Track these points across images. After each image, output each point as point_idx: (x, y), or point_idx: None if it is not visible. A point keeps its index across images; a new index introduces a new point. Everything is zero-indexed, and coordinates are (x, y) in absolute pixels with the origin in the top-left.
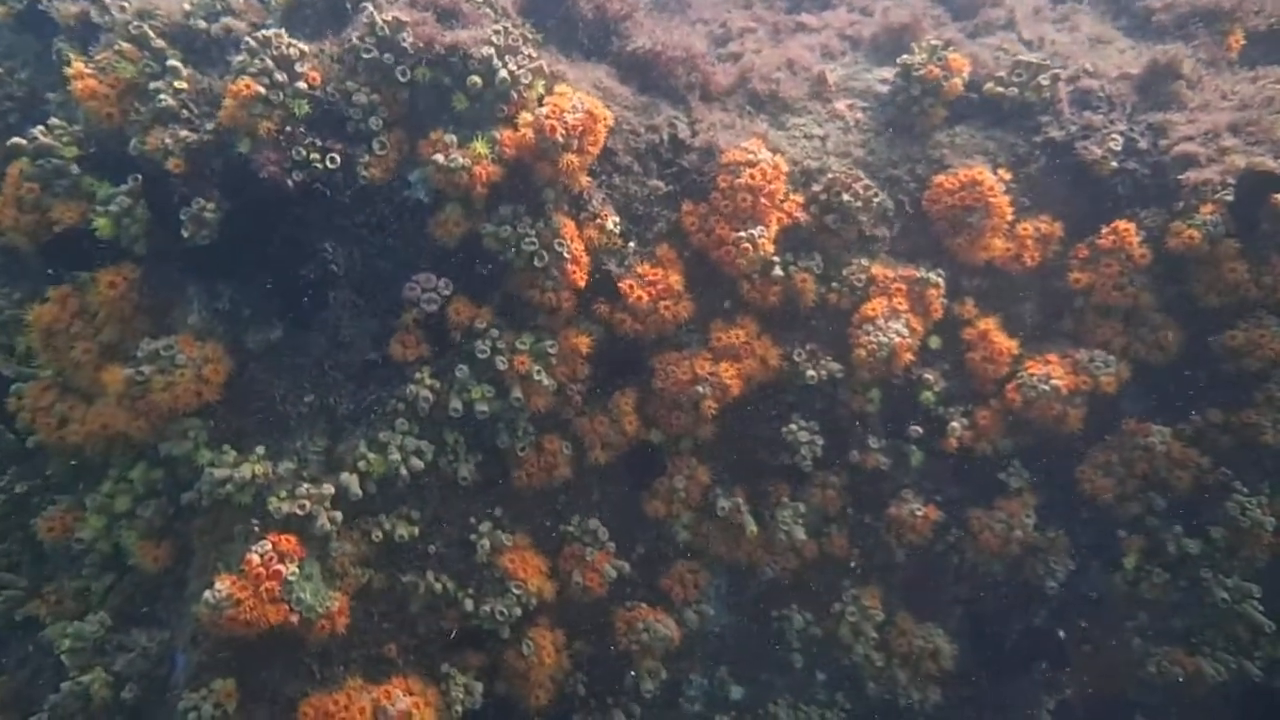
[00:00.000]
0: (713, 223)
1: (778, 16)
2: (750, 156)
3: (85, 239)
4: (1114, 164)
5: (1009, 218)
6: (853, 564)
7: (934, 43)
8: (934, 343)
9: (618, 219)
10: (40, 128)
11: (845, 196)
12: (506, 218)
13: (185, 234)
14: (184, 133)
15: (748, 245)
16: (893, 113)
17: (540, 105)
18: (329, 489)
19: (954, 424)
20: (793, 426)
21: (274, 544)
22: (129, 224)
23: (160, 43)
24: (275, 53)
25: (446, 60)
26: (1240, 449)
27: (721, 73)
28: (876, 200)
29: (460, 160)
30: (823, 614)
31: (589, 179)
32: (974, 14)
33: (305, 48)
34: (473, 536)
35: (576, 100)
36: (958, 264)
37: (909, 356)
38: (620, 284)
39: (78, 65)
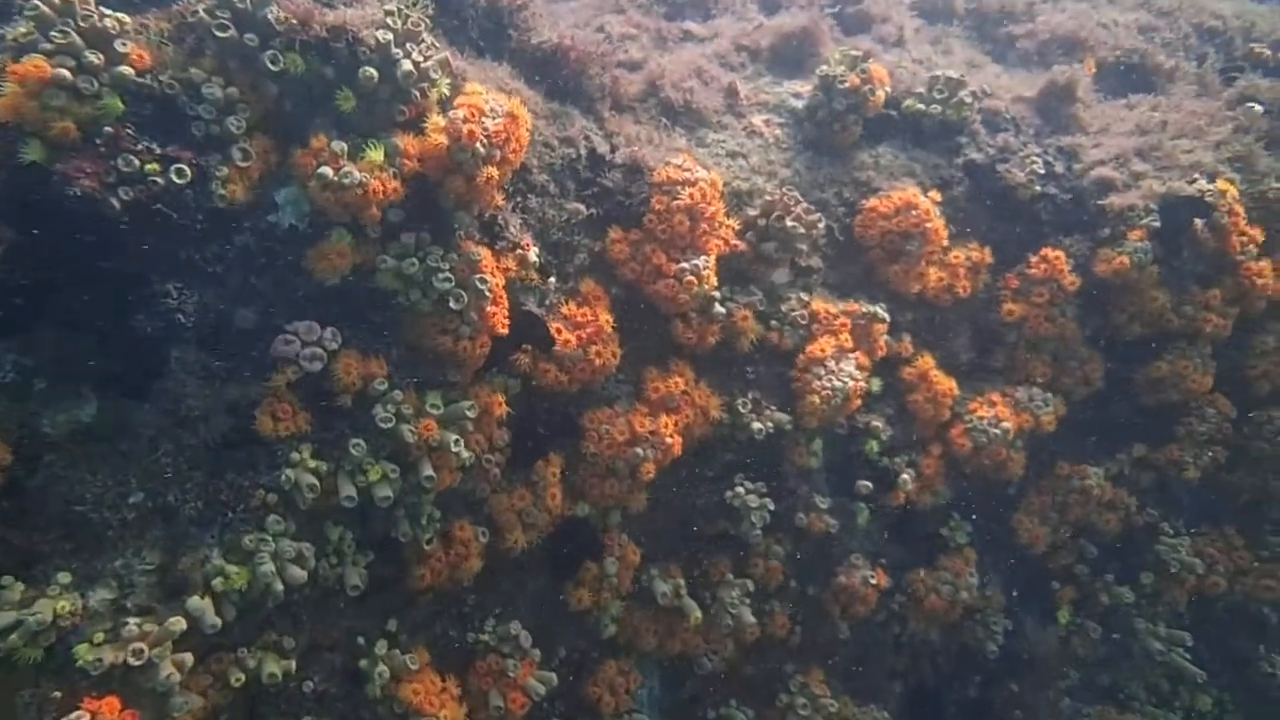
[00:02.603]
0: (647, 252)
1: (659, 23)
2: (687, 175)
3: None
4: (1037, 188)
5: (945, 244)
6: (792, 643)
7: (852, 53)
8: (874, 385)
9: (538, 249)
10: None
11: (788, 221)
12: (408, 248)
13: None
14: None
15: (692, 278)
16: (811, 130)
17: (446, 108)
18: (178, 621)
19: (904, 475)
20: (739, 490)
21: (91, 713)
22: None
23: None
24: (83, 24)
25: (328, 46)
26: (1163, 486)
27: (627, 79)
28: (821, 226)
29: (354, 174)
30: (767, 706)
31: (503, 199)
32: (867, 28)
33: (125, 19)
34: (364, 663)
35: (494, 101)
36: (890, 295)
37: (858, 402)
38: (550, 327)
39: None
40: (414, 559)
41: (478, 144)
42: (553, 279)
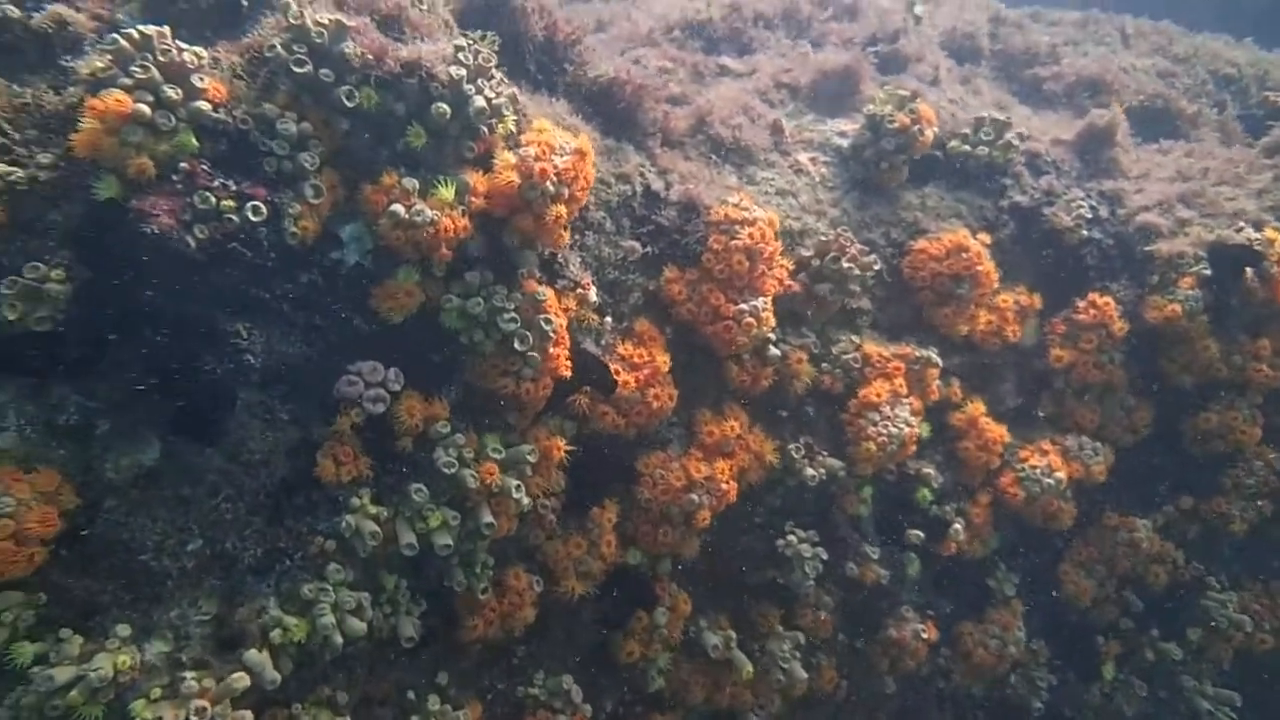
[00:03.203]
0: (704, 292)
1: (695, 57)
2: (745, 214)
3: None
4: (1084, 233)
5: (995, 288)
6: (839, 698)
7: (900, 92)
8: (923, 430)
9: (596, 288)
10: None
11: (844, 263)
12: (473, 287)
13: (7, 316)
14: (2, 167)
15: (751, 320)
16: (857, 168)
17: (515, 144)
18: (241, 678)
19: (956, 525)
20: (791, 538)
21: None
22: None
23: None
24: (162, 58)
25: (401, 81)
26: (1209, 539)
27: (676, 114)
28: (876, 268)
29: (426, 212)
30: None
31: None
32: (903, 67)
33: (203, 53)
34: (415, 719)
35: (562, 138)
36: (938, 338)
37: (913, 448)
38: (611, 369)
39: None
40: (466, 608)
41: (548, 181)
42: (608, 318)
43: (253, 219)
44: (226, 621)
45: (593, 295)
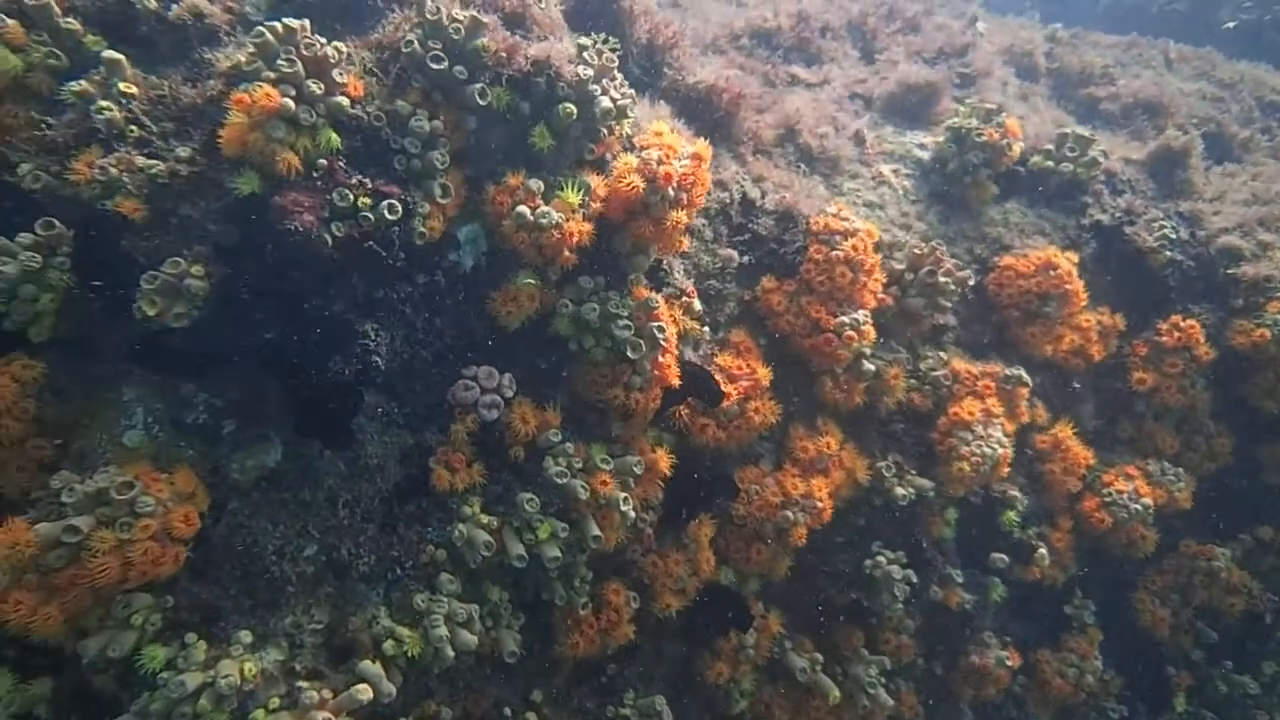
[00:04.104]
0: (804, 303)
1: (764, 66)
2: (846, 224)
3: None
4: (1167, 254)
5: (1083, 307)
6: None
7: (986, 105)
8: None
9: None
10: None
11: (939, 277)
12: (586, 292)
13: (146, 311)
14: (142, 160)
15: (852, 334)
16: (939, 182)
17: (629, 147)
18: (364, 690)
19: (1041, 550)
20: (880, 559)
21: None
22: (32, 295)
23: (73, 23)
24: (305, 52)
25: (529, 80)
26: None
27: (763, 122)
28: (971, 283)
29: (552, 215)
30: None
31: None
32: (971, 83)
33: (343, 48)
34: None
35: (683, 142)
36: (1021, 358)
37: (1006, 470)
38: (717, 381)
39: None
40: (565, 624)
41: (670, 186)
42: (706, 328)
43: (389, 217)
44: (338, 631)
45: (697, 304)
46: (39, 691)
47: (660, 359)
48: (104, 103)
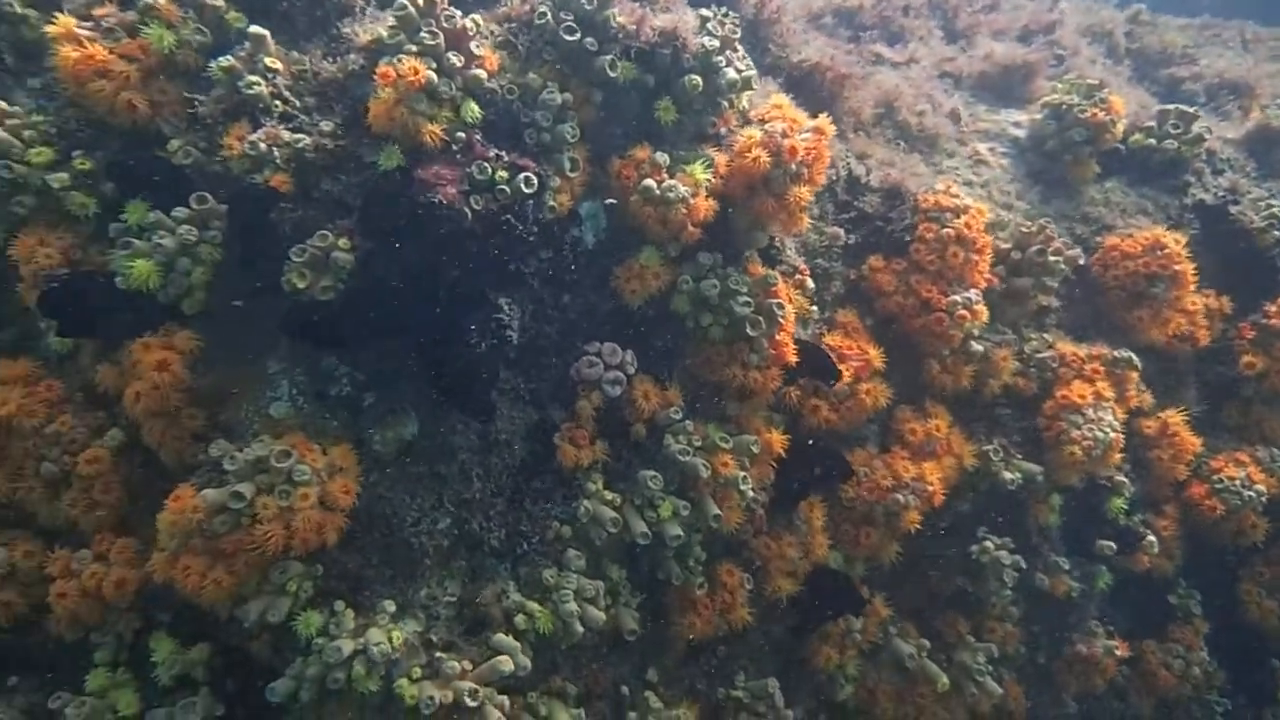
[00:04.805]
0: (913, 282)
1: (847, 45)
2: (956, 201)
3: (77, 287)
4: (1275, 233)
5: (1192, 289)
6: (1018, 715)
7: (1088, 81)
8: None
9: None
10: None
11: (1049, 256)
12: (704, 269)
13: (295, 284)
14: (288, 135)
15: (965, 313)
16: (1036, 160)
17: (746, 121)
18: (505, 661)
19: (1150, 538)
20: (988, 545)
21: None
22: (188, 268)
23: (218, 0)
24: (445, 24)
25: (654, 52)
26: None
27: (862, 99)
28: (1081, 261)
29: (679, 189)
30: None
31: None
32: (1060, 62)
33: (479, 20)
34: (633, 715)
35: (804, 115)
36: (1125, 341)
37: (1118, 456)
38: (834, 360)
39: (66, 23)
40: (680, 604)
41: (795, 161)
42: (814, 307)
43: (525, 190)
44: (469, 603)
45: (810, 282)
46: (197, 656)
47: (778, 337)
48: (252, 77)
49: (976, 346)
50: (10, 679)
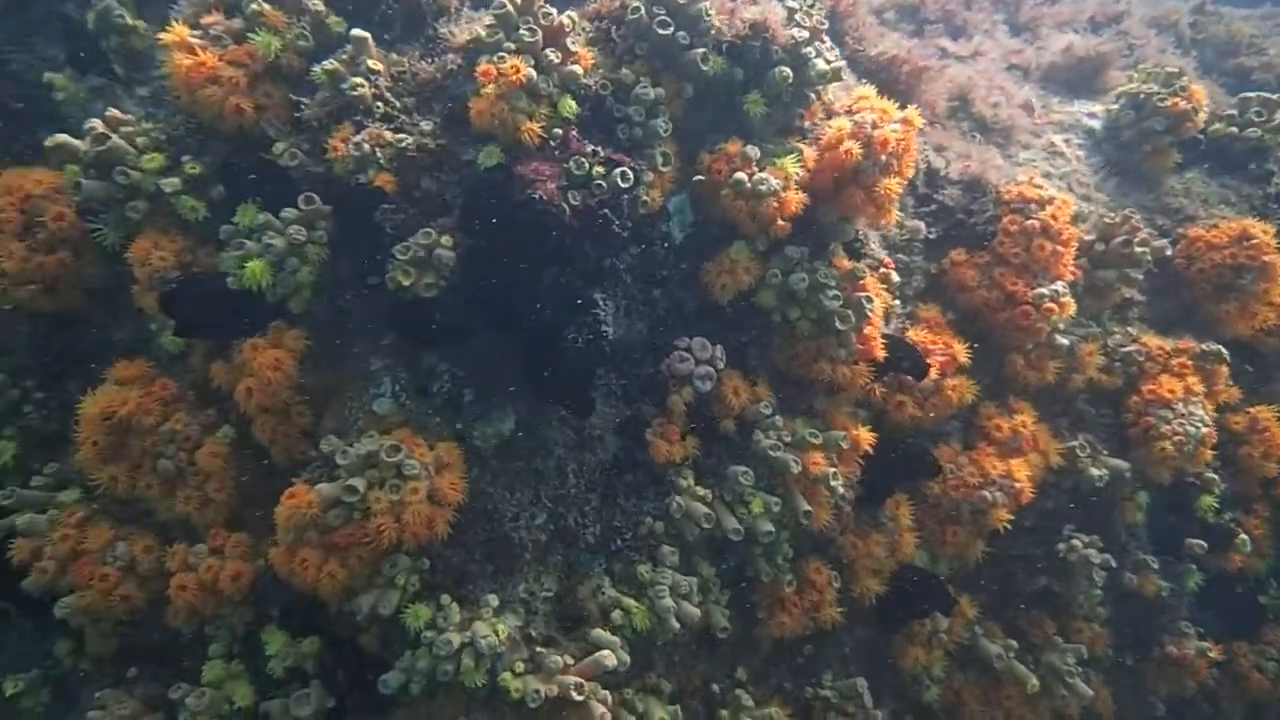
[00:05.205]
0: (997, 276)
1: (911, 40)
2: (1041, 193)
3: (191, 288)
4: None
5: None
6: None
7: (1167, 69)
8: None
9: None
10: (99, 121)
11: (1135, 247)
12: (792, 262)
13: (400, 281)
14: (390, 134)
15: (1052, 305)
16: (1112, 151)
17: (831, 114)
18: (607, 656)
19: (1242, 536)
20: (1075, 543)
21: None
22: (296, 268)
23: (318, 4)
24: (542, 21)
25: (745, 46)
26: None
27: (936, 91)
28: (1168, 253)
29: (771, 182)
30: None
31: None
32: (1130, 53)
33: (574, 16)
34: (724, 713)
35: (892, 106)
36: (1212, 335)
37: (1209, 453)
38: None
39: (179, 32)
40: (768, 602)
41: (885, 153)
42: (897, 301)
43: (621, 185)
44: (564, 599)
45: (895, 276)
46: (308, 649)
47: (866, 331)
48: (356, 79)
49: (1062, 340)
50: (130, 670)
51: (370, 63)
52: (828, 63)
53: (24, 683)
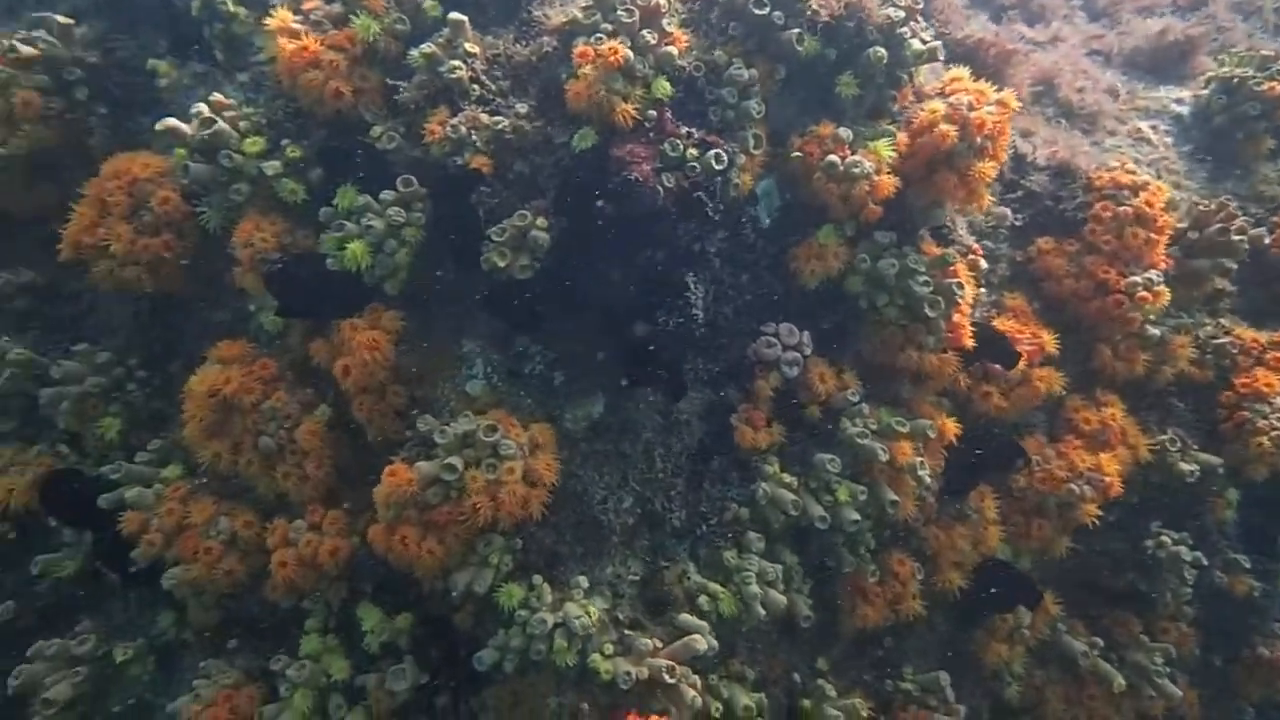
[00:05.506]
0: (1087, 264)
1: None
2: (1134, 178)
3: (292, 269)
4: None
5: None
6: None
7: (1263, 52)
8: None
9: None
10: (204, 105)
11: (1232, 235)
12: (881, 248)
13: (496, 263)
14: (486, 117)
15: (1146, 294)
16: (1202, 138)
17: (921, 97)
18: (697, 640)
19: None
20: (1165, 539)
21: None
22: (394, 250)
23: None
24: (639, 3)
25: (839, 26)
26: None
27: (1020, 76)
28: (1266, 240)
29: (864, 165)
30: None
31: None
32: (1216, 38)
33: None
34: (806, 703)
35: (987, 87)
36: None
37: None
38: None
39: (283, 17)
40: (850, 593)
41: (982, 135)
42: (983, 289)
43: (716, 167)
44: (650, 583)
45: (983, 263)
46: (402, 625)
47: (955, 319)
48: (453, 62)
49: (1153, 331)
50: (230, 641)
51: (467, 46)
52: (923, 43)
53: (132, 651)
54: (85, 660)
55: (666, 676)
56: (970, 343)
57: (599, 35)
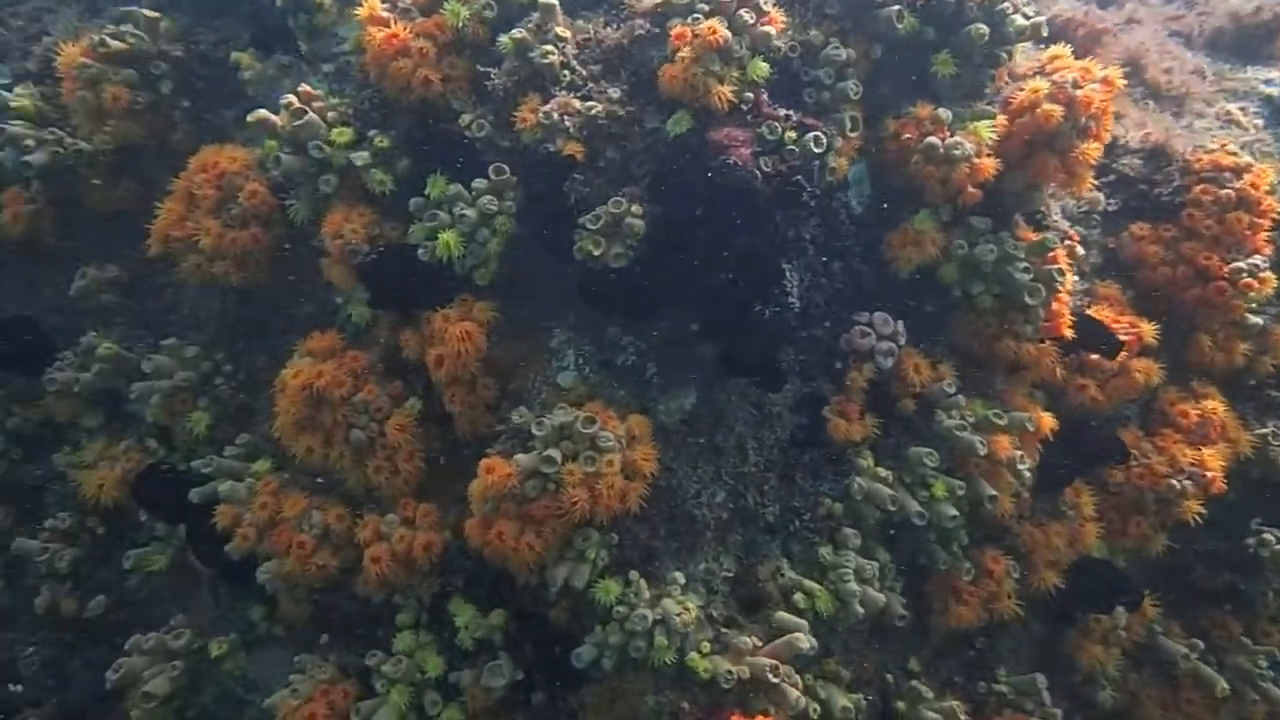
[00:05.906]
0: (1186, 250)
1: None
2: (1236, 160)
3: (384, 261)
4: None
5: None
6: None
7: None
8: None
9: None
10: (293, 96)
11: None
12: (978, 234)
13: (590, 251)
14: (579, 104)
15: (1251, 281)
16: None
17: (1016, 78)
18: (800, 639)
19: None
20: (1268, 537)
21: None
22: (487, 239)
23: None
24: None
25: (937, 3)
26: None
27: (1106, 57)
28: None
29: (965, 147)
30: None
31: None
32: None
33: None
34: (901, 705)
35: (1092, 64)
36: None
37: None
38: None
39: (372, 5)
40: (943, 591)
41: (1088, 114)
42: (1076, 278)
43: (814, 150)
44: (743, 579)
45: (1080, 249)
46: (495, 621)
47: (1054, 307)
48: (545, 47)
49: (1254, 320)
50: (323, 636)
51: (558, 30)
52: (1026, 18)
53: (226, 645)
54: (181, 654)
55: (770, 676)
56: (1069, 332)
57: (696, 15)
